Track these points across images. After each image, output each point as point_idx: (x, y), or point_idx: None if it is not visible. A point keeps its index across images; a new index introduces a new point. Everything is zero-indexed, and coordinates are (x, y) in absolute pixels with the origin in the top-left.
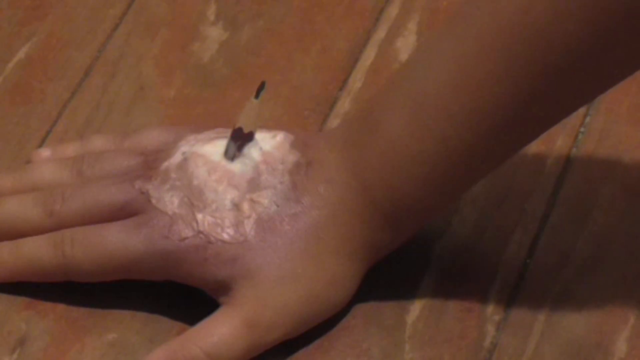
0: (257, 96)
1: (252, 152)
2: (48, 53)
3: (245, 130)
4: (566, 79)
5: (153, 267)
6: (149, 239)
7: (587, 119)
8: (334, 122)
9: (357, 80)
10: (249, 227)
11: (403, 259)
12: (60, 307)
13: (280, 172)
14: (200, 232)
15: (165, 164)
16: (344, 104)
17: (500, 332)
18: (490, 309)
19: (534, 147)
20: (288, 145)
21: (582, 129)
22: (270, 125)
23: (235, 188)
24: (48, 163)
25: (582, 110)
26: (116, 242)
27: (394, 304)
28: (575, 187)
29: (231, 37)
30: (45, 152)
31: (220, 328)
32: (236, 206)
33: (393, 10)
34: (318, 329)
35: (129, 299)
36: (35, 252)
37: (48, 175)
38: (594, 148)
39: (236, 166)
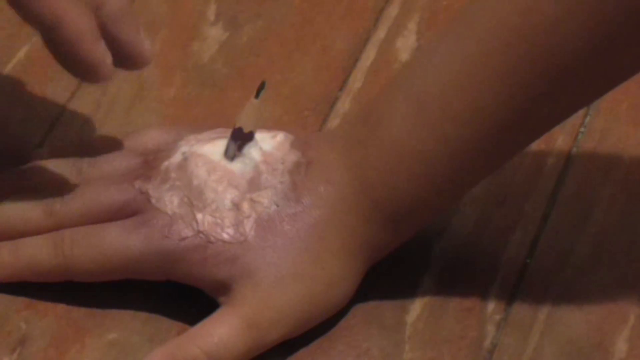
0: (257, 96)
1: (252, 152)
2: (48, 53)
3: (245, 130)
4: (569, 79)
5: (153, 266)
6: (149, 239)
7: (587, 119)
8: (334, 122)
9: (357, 80)
10: (248, 226)
11: (403, 259)
12: (60, 307)
13: (280, 172)
14: (200, 231)
15: (165, 164)
16: (344, 104)
17: (500, 332)
18: (490, 309)
19: (534, 147)
20: (288, 145)
21: (582, 129)
22: (270, 125)
23: (235, 188)
24: (48, 163)
25: (582, 110)
26: (116, 242)
27: (394, 304)
28: (575, 187)
29: (231, 37)
30: (45, 152)
31: (220, 328)
32: (236, 206)
33: (393, 10)
34: (318, 329)
35: (129, 299)
36: (35, 252)
37: (48, 175)
38: (594, 148)
39: (236, 166)
